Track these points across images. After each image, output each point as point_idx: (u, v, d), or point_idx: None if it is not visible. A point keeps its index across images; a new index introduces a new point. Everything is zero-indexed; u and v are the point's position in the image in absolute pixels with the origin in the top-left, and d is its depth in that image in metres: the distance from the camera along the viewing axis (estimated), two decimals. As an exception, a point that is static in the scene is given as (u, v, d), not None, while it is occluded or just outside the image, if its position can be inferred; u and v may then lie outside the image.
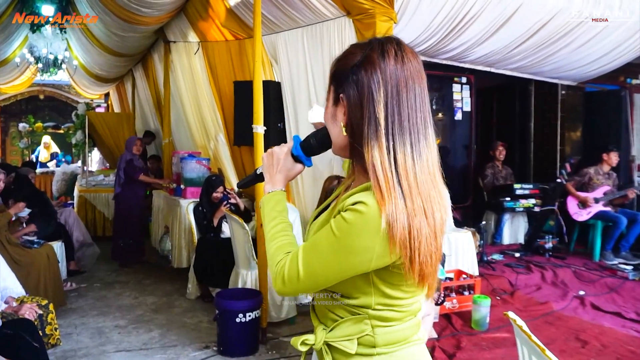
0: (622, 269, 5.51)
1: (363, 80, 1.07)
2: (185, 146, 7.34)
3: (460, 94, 6.74)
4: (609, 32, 5.36)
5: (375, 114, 1.05)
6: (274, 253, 1.16)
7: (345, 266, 1.06)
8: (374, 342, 1.12)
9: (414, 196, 1.03)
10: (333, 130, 1.17)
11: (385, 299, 1.11)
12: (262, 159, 1.30)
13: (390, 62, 1.07)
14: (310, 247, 1.10)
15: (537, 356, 1.34)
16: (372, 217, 1.01)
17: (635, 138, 7.37)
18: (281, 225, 1.20)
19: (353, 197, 1.06)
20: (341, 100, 1.11)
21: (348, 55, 1.12)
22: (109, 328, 4.30)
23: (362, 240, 1.02)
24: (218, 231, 4.84)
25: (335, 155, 1.40)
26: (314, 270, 1.08)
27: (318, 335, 1.17)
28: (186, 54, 6.46)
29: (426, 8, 4.39)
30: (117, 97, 12.08)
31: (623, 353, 3.63)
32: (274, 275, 1.13)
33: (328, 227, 1.07)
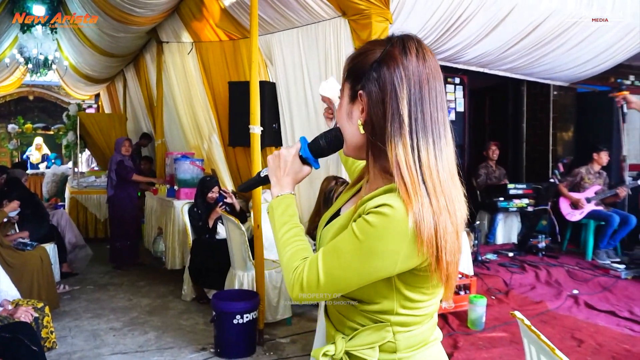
0: (615, 268, 5.55)
1: (385, 76, 1.04)
2: (178, 147, 7.30)
3: (453, 94, 6.77)
4: (601, 34, 5.41)
5: (399, 111, 1.02)
6: (289, 259, 1.12)
7: (369, 270, 1.02)
8: (395, 347, 1.11)
9: (438, 194, 1.01)
10: (349, 128, 1.14)
11: (407, 302, 1.09)
12: (268, 161, 1.26)
13: (412, 58, 1.05)
14: (330, 252, 1.06)
15: (546, 355, 1.34)
16: (399, 219, 0.98)
17: (626, 138, 7.44)
18: (294, 230, 1.17)
19: (376, 199, 1.03)
20: (360, 97, 1.08)
21: (366, 51, 1.09)
22: (103, 330, 4.26)
23: (388, 244, 0.99)
24: (213, 232, 4.81)
25: (341, 155, 1.39)
26: (335, 276, 1.05)
27: (338, 345, 1.14)
28: (179, 55, 6.43)
29: (421, 9, 4.40)
30: (108, 98, 11.99)
31: (618, 351, 3.65)
32: (291, 282, 1.09)
33: (350, 231, 1.04)
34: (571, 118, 7.34)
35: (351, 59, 1.14)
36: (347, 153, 1.20)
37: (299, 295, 1.08)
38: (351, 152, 1.18)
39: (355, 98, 1.10)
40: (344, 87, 1.15)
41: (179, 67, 6.51)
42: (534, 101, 7.34)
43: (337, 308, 1.19)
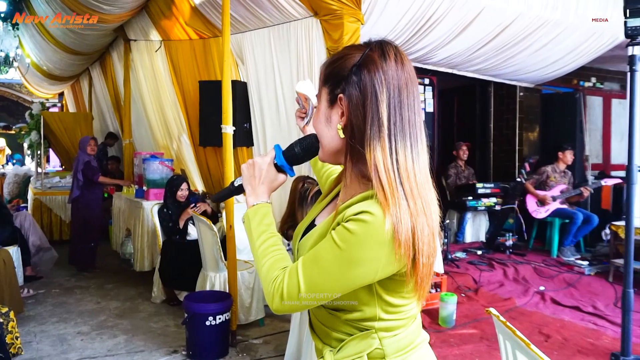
0: (579, 265, 5.73)
1: (366, 79, 1.05)
2: (146, 147, 7.18)
3: (423, 95, 6.84)
4: (565, 37, 5.55)
5: (379, 114, 1.03)
6: (268, 269, 1.10)
7: (351, 278, 1.02)
8: (383, 354, 1.11)
9: (416, 197, 1.02)
10: (327, 133, 1.13)
11: (389, 307, 1.09)
12: (242, 170, 1.23)
13: (392, 63, 1.06)
14: (310, 260, 1.05)
15: (521, 351, 1.37)
16: (378, 226, 0.98)
17: (588, 138, 7.69)
18: (271, 240, 1.14)
19: (355, 206, 1.03)
20: (339, 101, 1.09)
21: (345, 56, 1.10)
22: (71, 335, 4.15)
23: (368, 251, 0.99)
24: (184, 233, 4.75)
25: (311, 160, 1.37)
26: (316, 285, 1.03)
27: (327, 358, 1.14)
28: (148, 53, 6.32)
29: (393, 10, 4.44)
30: (73, 97, 11.70)
31: (583, 345, 3.76)
32: (270, 293, 1.07)
33: (329, 239, 1.03)
34: (536, 118, 7.53)
35: (329, 63, 1.14)
36: (323, 159, 1.18)
37: (280, 305, 1.06)
38: (329, 157, 1.17)
39: (335, 102, 1.10)
40: (322, 92, 1.15)
41: (147, 65, 6.40)
42: (500, 102, 7.50)
43: (321, 321, 1.18)
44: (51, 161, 12.16)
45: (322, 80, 1.15)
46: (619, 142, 8.19)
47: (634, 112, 2.17)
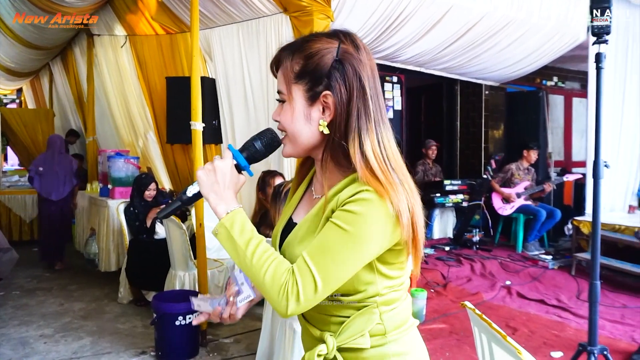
0: (543, 259, 5.88)
1: (349, 74, 1.06)
2: (111, 144, 7.00)
3: (391, 92, 6.90)
4: (529, 37, 5.68)
5: (366, 106, 1.06)
6: (273, 277, 1.03)
7: (362, 257, 1.04)
8: (384, 329, 1.12)
9: (407, 178, 1.07)
10: (306, 131, 1.11)
11: (388, 280, 1.11)
12: (199, 177, 1.12)
13: (364, 53, 1.09)
14: (319, 252, 1.03)
15: (497, 343, 1.38)
16: (379, 202, 1.01)
17: (550, 136, 7.90)
18: (263, 245, 1.08)
19: (346, 190, 1.05)
20: (322, 97, 1.08)
21: (319, 51, 1.08)
22: (33, 338, 4.02)
23: (375, 226, 1.02)
24: (151, 232, 4.66)
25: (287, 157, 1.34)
26: (331, 274, 1.03)
27: (329, 343, 1.12)
28: (112, 48, 6.17)
29: (362, 7, 4.45)
30: (32, 93, 11.32)
31: (549, 337, 3.86)
32: (281, 299, 1.02)
33: (332, 227, 1.03)
34: (501, 116, 7.69)
35: (305, 58, 1.09)
36: (293, 154, 1.16)
37: (296, 308, 1.02)
38: (301, 152, 1.16)
39: (316, 99, 1.09)
40: (293, 89, 1.11)
41: (112, 61, 6.25)
42: (467, 100, 7.63)
43: (317, 310, 1.15)
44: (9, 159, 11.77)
45: (294, 76, 1.10)
46: (580, 140, 8.44)
47: (601, 108, 2.23)
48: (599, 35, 2.19)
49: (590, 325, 2.33)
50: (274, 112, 1.17)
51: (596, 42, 2.22)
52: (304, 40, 1.11)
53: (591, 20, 2.15)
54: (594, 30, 2.18)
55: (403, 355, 1.15)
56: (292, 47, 1.12)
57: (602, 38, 2.19)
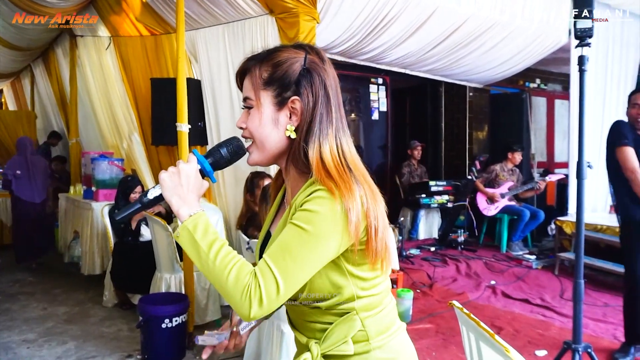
0: (527, 259, 5.95)
1: (316, 82, 1.14)
2: (94, 146, 6.92)
3: (377, 94, 6.94)
4: (512, 39, 5.75)
5: (329, 113, 1.14)
6: (236, 280, 1.02)
7: (322, 255, 1.06)
8: (367, 335, 1.15)
9: (364, 182, 1.11)
10: (274, 136, 1.16)
11: (362, 282, 1.14)
12: (162, 179, 1.12)
13: (327, 64, 1.18)
14: (280, 253, 1.05)
15: (485, 341, 1.40)
16: (330, 199, 1.05)
17: (533, 137, 7.99)
18: (226, 248, 1.07)
19: (305, 191, 1.08)
20: (290, 103, 1.14)
21: (287, 60, 1.14)
22: (16, 343, 3.95)
23: (332, 223, 1.04)
24: (137, 234, 4.62)
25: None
26: (293, 275, 1.04)
27: (313, 350, 1.15)
28: (95, 50, 6.10)
29: (348, 9, 4.47)
30: (13, 94, 11.16)
31: (533, 336, 3.91)
32: (244, 302, 1.01)
33: (291, 227, 1.06)
34: (485, 118, 7.77)
35: (273, 66, 1.15)
36: (260, 161, 1.19)
37: (259, 311, 1.02)
38: (268, 160, 1.19)
39: (284, 104, 1.14)
40: (262, 95, 1.15)
41: (95, 62, 6.18)
42: (451, 102, 7.69)
43: (302, 317, 1.20)
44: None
45: (262, 83, 1.15)
46: (562, 141, 8.55)
47: (584, 109, 2.27)
48: (582, 38, 2.23)
49: (575, 323, 2.37)
50: (239, 120, 1.19)
51: (579, 45, 2.26)
52: (271, 50, 1.18)
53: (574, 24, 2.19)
54: (576, 33, 2.22)
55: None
56: (259, 57, 1.17)
57: (584, 41, 2.23)
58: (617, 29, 6.10)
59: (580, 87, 2.29)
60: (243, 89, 1.19)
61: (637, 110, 3.20)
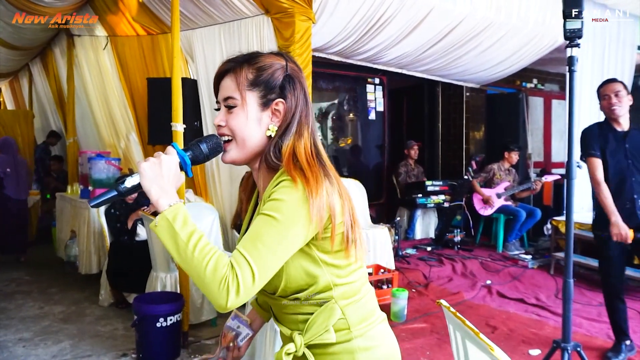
0: (523, 259, 5.96)
1: (297, 87, 1.24)
2: (92, 146, 6.93)
3: (373, 94, 6.94)
4: (508, 39, 5.76)
5: (307, 115, 1.24)
6: (214, 270, 1.04)
7: (292, 241, 1.10)
8: (347, 323, 1.20)
9: (333, 175, 1.19)
10: (256, 134, 1.21)
11: (337, 269, 1.19)
12: (143, 169, 1.12)
13: (303, 73, 1.29)
14: (253, 242, 1.08)
15: (470, 340, 1.41)
16: (295, 188, 1.10)
17: (530, 137, 8.00)
18: (204, 239, 1.08)
19: (272, 183, 1.15)
20: (274, 104, 1.22)
21: (271, 65, 1.23)
22: (11, 342, 3.97)
23: (300, 209, 1.10)
24: (133, 234, 4.63)
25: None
26: (266, 262, 1.07)
27: (297, 341, 1.19)
28: (93, 49, 6.11)
29: (343, 9, 4.48)
30: (11, 93, 11.16)
31: (527, 335, 3.92)
32: (221, 292, 1.03)
33: (262, 217, 1.10)
34: (482, 118, 7.78)
35: (257, 70, 1.22)
36: (237, 159, 1.23)
37: (235, 300, 1.03)
38: (247, 157, 1.24)
39: (268, 106, 1.22)
40: (247, 95, 1.20)
41: (93, 62, 6.19)
42: (448, 102, 7.70)
43: (283, 310, 1.24)
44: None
45: (247, 84, 1.21)
46: (559, 141, 8.57)
47: (573, 110, 2.28)
48: (571, 38, 2.24)
49: (564, 322, 2.38)
50: (218, 118, 1.23)
51: (569, 46, 2.27)
52: (253, 55, 1.25)
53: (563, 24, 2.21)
54: (566, 34, 2.23)
55: (370, 350, 1.21)
56: (240, 60, 1.24)
57: (574, 42, 2.25)
58: (614, 29, 6.11)
59: (570, 88, 2.30)
60: (223, 89, 1.24)
61: (608, 101, 3.23)
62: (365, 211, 5.57)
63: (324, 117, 7.75)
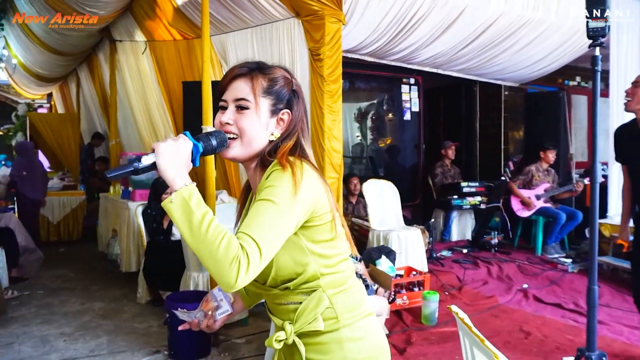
0: (563, 262, 5.78)
1: (300, 101, 1.36)
2: (134, 147, 7.16)
3: (408, 94, 6.88)
4: (548, 36, 5.60)
5: (302, 128, 1.36)
6: (227, 248, 1.08)
7: (290, 220, 1.18)
8: (335, 312, 1.27)
9: (319, 172, 1.30)
10: (262, 137, 1.30)
11: (323, 259, 1.27)
12: (160, 148, 1.15)
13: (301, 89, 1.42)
14: (254, 224, 1.14)
15: (477, 347, 1.39)
16: (285, 174, 1.20)
17: (573, 137, 7.74)
18: (216, 220, 1.12)
19: (265, 174, 1.24)
20: (281, 114, 1.32)
21: (282, 78, 1.34)
22: (53, 336, 4.15)
23: (291, 192, 1.18)
24: (168, 234, 4.75)
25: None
26: (269, 240, 1.14)
27: (287, 329, 1.26)
28: (133, 54, 6.32)
29: (374, 10, 4.47)
30: (61, 98, 11.65)
31: (562, 342, 3.80)
32: (229, 270, 1.07)
33: (260, 202, 1.17)
34: (521, 118, 7.58)
35: (271, 80, 1.32)
36: (239, 157, 1.31)
37: (244, 278, 1.09)
38: (248, 156, 1.32)
39: (276, 114, 1.32)
40: (259, 101, 1.29)
41: (133, 66, 6.40)
42: (486, 101, 7.54)
43: (275, 300, 1.32)
44: (40, 162, 12.08)
45: (261, 91, 1.30)
46: (605, 141, 8.22)
47: (597, 111, 2.20)
48: (594, 37, 2.17)
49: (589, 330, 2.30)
50: (226, 116, 1.29)
51: (592, 45, 2.19)
52: (264, 65, 1.34)
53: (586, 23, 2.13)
54: (589, 33, 2.16)
55: (358, 341, 1.28)
56: (253, 67, 1.32)
57: (597, 41, 2.17)
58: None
59: (593, 88, 2.22)
60: (235, 90, 1.30)
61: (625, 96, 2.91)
62: (398, 212, 5.54)
63: (363, 117, 7.75)
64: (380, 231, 5.07)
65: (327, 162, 4.14)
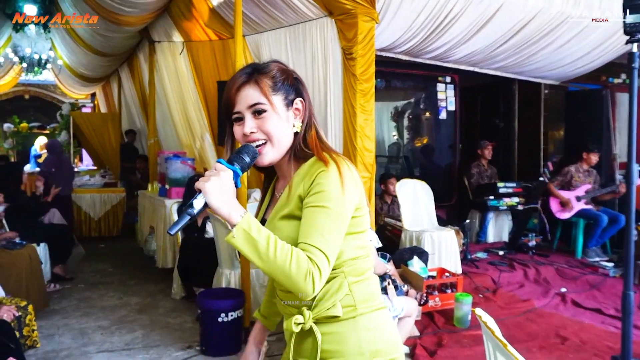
0: (604, 266, 5.58)
1: (305, 88, 1.38)
2: (172, 146, 7.33)
3: (444, 93, 6.79)
4: (589, 32, 5.42)
5: (312, 109, 1.38)
6: (297, 266, 1.15)
7: (344, 221, 1.24)
8: (353, 301, 1.28)
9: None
10: (287, 132, 1.32)
11: (353, 250, 1.30)
12: (206, 188, 1.16)
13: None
14: (317, 233, 1.19)
15: (500, 351, 1.36)
16: (331, 173, 1.23)
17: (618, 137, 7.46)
18: (277, 239, 1.17)
19: (309, 173, 1.25)
20: (295, 104, 1.33)
21: (284, 71, 1.35)
22: (91, 329, 4.28)
23: (341, 193, 1.22)
24: (202, 231, 4.84)
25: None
26: (332, 245, 1.20)
27: (305, 314, 1.27)
28: (171, 54, 6.46)
29: (408, 8, 4.42)
30: (104, 97, 12.02)
31: (601, 348, 3.68)
32: (305, 284, 1.16)
33: (313, 209, 1.21)
34: (561, 116, 7.36)
35: (283, 73, 1.33)
36: (272, 159, 1.31)
37: (319, 284, 1.17)
38: (281, 156, 1.32)
39: (290, 105, 1.33)
40: (272, 99, 1.29)
41: (171, 66, 6.54)
42: (525, 100, 7.36)
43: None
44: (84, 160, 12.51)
45: (270, 89, 1.30)
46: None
47: (634, 110, 2.12)
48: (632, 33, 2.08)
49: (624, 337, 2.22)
50: (247, 125, 1.29)
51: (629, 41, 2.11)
52: (258, 66, 1.34)
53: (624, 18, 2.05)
54: (626, 29, 2.08)
55: (374, 331, 1.29)
56: (249, 72, 1.31)
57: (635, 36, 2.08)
58: None
59: (630, 87, 2.13)
60: (245, 98, 1.29)
61: None
62: (432, 212, 5.47)
63: (400, 116, 7.68)
64: (413, 232, 5.01)
65: (359, 161, 4.11)
